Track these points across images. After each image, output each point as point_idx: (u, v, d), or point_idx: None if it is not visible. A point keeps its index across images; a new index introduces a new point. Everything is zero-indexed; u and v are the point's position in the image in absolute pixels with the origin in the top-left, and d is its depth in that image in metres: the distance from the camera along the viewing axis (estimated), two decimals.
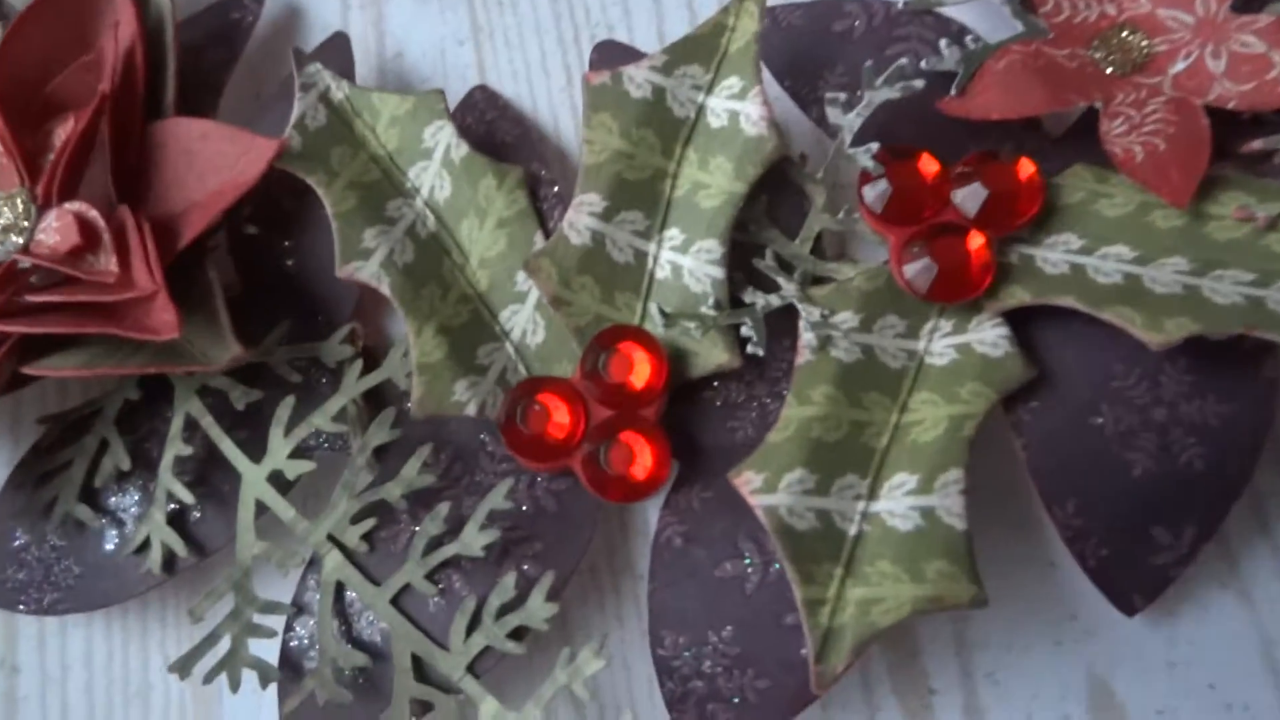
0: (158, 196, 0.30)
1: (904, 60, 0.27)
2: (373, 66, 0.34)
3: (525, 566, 0.27)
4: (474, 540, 0.26)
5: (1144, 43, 0.27)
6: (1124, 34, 0.28)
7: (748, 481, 0.25)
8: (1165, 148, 0.26)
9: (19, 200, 0.29)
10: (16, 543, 0.29)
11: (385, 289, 0.28)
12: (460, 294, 0.29)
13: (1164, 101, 0.27)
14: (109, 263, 0.28)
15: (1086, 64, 0.28)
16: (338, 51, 0.33)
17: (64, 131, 0.30)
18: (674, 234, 0.28)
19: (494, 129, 0.31)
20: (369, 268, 0.28)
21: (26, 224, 0.29)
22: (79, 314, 0.28)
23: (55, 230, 0.28)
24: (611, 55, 0.32)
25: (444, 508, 0.27)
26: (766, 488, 0.25)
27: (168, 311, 0.27)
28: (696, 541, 0.26)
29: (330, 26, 0.35)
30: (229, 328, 0.27)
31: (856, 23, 0.30)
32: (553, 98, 0.33)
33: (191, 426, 0.29)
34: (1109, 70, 0.27)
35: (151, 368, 0.27)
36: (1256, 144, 0.27)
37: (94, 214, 0.29)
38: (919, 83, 0.26)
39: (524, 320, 0.29)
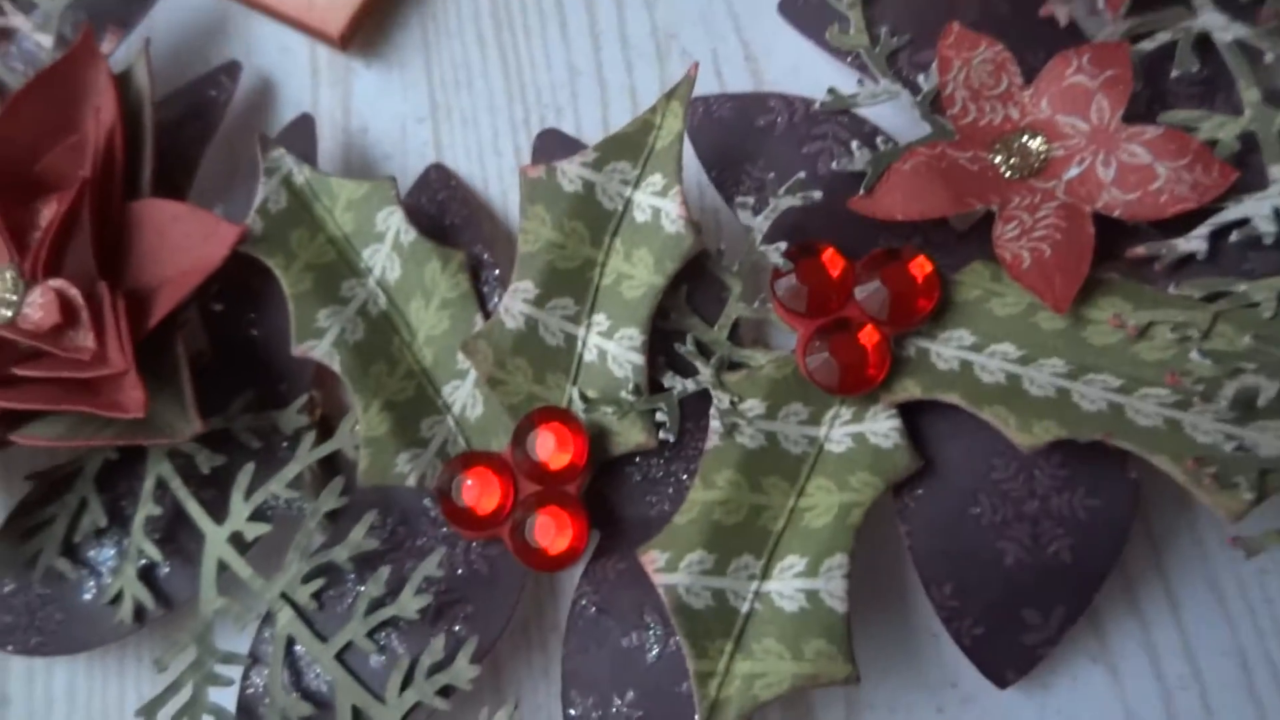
0: (135, 271, 0.32)
1: (802, 174, 0.28)
2: (340, 141, 0.36)
3: (457, 628, 0.29)
4: (410, 603, 0.28)
5: (1043, 147, 0.29)
6: (1024, 138, 0.29)
7: (652, 560, 0.27)
8: (1051, 254, 0.27)
9: (7, 275, 0.31)
10: (5, 589, 0.32)
11: (336, 366, 0.30)
12: (407, 369, 0.31)
13: (1055, 206, 0.28)
14: (87, 339, 0.30)
15: (987, 167, 0.29)
16: (303, 132, 0.34)
17: (49, 210, 0.32)
18: (601, 320, 0.30)
19: (444, 209, 0.33)
20: (322, 346, 0.30)
21: (14, 298, 0.31)
22: (58, 389, 0.30)
23: (39, 306, 0.31)
24: (551, 144, 0.33)
25: (385, 571, 0.29)
26: (668, 567, 0.27)
27: (136, 390, 0.29)
28: (607, 611, 0.28)
29: (301, 103, 0.36)
30: (192, 403, 0.29)
31: (779, 119, 0.31)
32: (504, 176, 0.34)
33: (162, 487, 0.31)
34: (1008, 174, 0.29)
35: (121, 439, 0.29)
36: (1139, 250, 0.28)
37: (74, 292, 0.31)
38: (817, 194, 0.28)
39: (464, 395, 0.31)
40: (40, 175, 0.33)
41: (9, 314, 0.31)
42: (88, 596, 0.31)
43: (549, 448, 0.28)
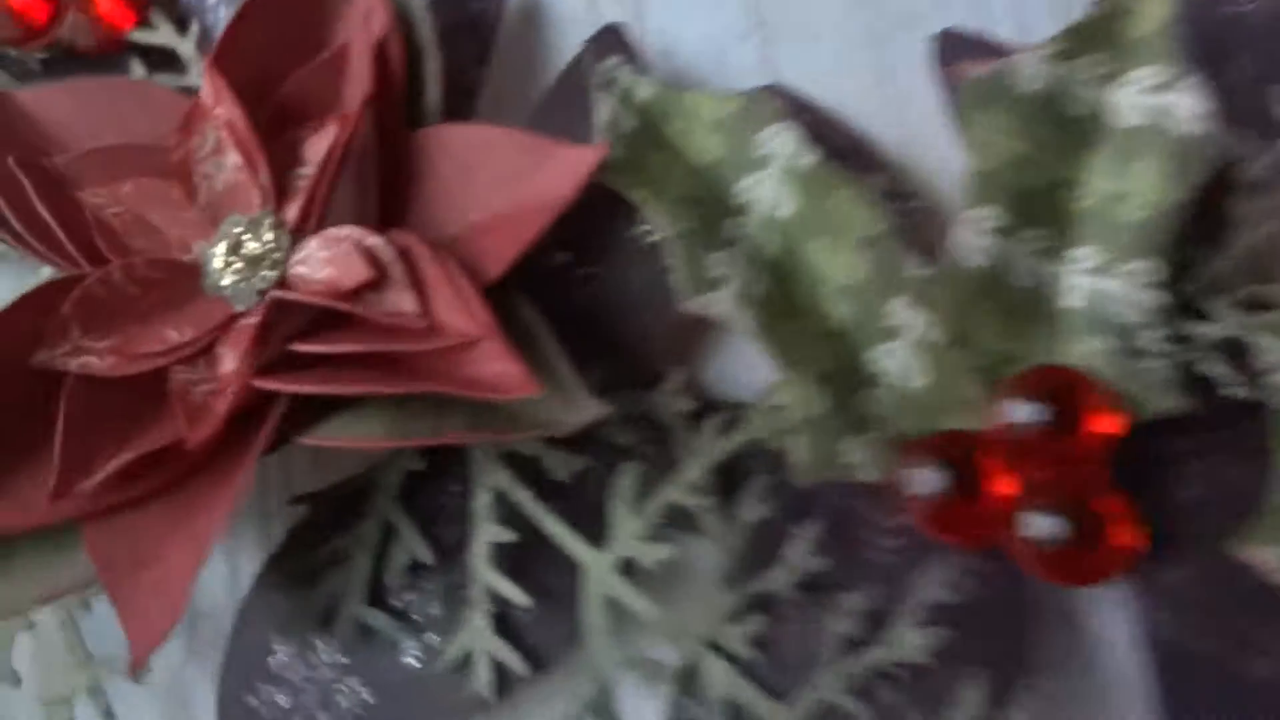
0: (422, 219, 0.24)
1: None
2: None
3: (963, 671, 0.21)
4: (908, 641, 0.20)
5: None
6: None
7: (1267, 558, 0.20)
8: None
9: (266, 226, 0.23)
10: (276, 658, 0.22)
11: (743, 325, 0.22)
12: (820, 329, 0.23)
13: None
14: (401, 302, 0.22)
15: None
16: (613, 48, 0.27)
17: (314, 143, 0.23)
18: (1087, 253, 0.23)
19: (819, 136, 0.26)
20: (722, 300, 0.22)
21: (279, 254, 0.23)
22: (372, 368, 0.21)
23: (326, 262, 0.22)
24: (959, 46, 0.26)
25: (853, 600, 0.21)
26: None
27: (506, 361, 0.20)
28: (1197, 632, 0.20)
29: (578, 20, 0.29)
30: (577, 380, 0.21)
31: (1249, 7, 0.25)
32: (860, 101, 0.27)
33: (502, 503, 0.23)
34: None
35: (478, 435, 0.21)
36: None
37: (377, 242, 0.22)
38: None
39: (900, 361, 0.23)
40: (286, 101, 0.24)
41: (274, 275, 0.22)
42: (410, 661, 0.22)
43: (1065, 420, 0.21)
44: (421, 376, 0.21)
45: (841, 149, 0.26)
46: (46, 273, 0.26)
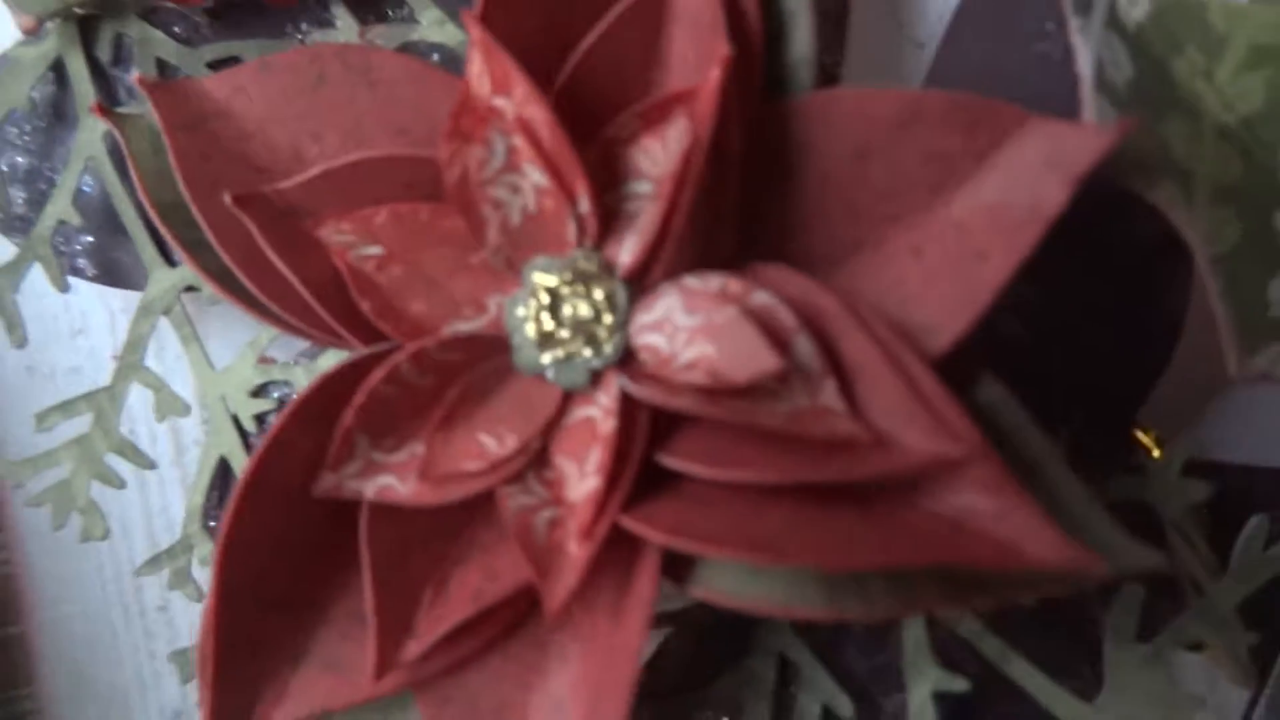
0: (795, 237, 0.16)
1: None
2: None
3: None
4: None
5: None
6: None
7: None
8: None
9: (592, 274, 0.15)
10: None
11: None
12: None
13: None
14: (817, 397, 0.14)
15: None
16: None
17: (651, 145, 0.15)
18: None
19: None
20: None
21: (617, 317, 0.15)
22: (782, 501, 0.14)
23: (696, 334, 0.15)
24: None
25: None
26: None
27: (1007, 499, 0.13)
28: None
29: None
30: (1102, 516, 0.14)
31: None
32: None
33: (937, 634, 0.16)
34: None
35: (977, 600, 0.14)
36: None
37: (768, 301, 0.15)
38: None
39: None
40: (580, 74, 0.16)
41: (611, 347, 0.15)
42: None
43: None
44: (874, 522, 0.14)
45: None
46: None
